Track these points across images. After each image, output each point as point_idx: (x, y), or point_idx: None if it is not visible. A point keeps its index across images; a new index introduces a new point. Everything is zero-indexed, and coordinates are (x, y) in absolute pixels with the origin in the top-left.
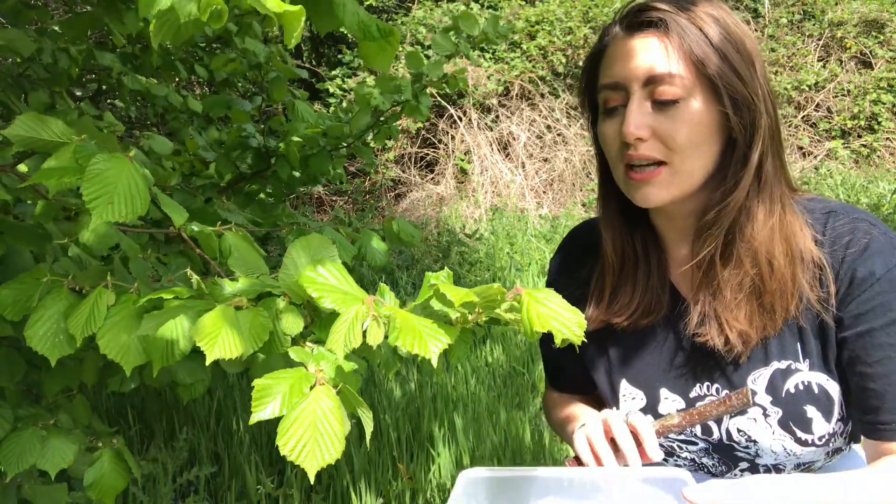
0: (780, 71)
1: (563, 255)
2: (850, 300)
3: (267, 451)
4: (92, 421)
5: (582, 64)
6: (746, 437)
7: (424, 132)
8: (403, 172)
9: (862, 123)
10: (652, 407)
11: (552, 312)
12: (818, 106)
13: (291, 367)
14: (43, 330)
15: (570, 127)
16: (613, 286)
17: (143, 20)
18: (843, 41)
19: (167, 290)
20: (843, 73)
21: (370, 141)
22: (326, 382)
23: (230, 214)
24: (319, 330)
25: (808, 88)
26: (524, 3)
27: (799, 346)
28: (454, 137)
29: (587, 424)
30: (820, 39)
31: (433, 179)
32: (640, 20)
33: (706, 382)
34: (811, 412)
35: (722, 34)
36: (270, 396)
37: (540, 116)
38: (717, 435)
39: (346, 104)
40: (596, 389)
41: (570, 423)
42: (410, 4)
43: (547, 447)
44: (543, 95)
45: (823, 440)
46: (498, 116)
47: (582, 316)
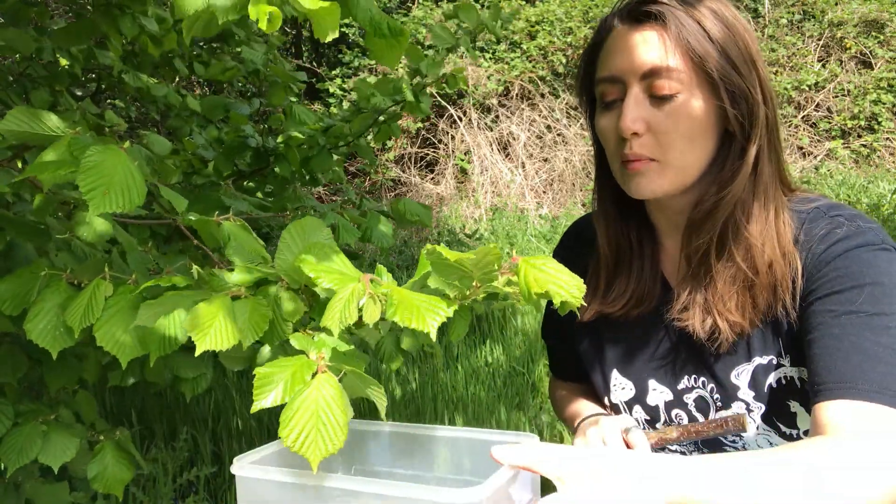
0: (780, 71)
1: (563, 248)
2: (810, 286)
3: None
4: (94, 420)
5: (579, 56)
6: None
7: (424, 132)
8: (403, 172)
9: (862, 123)
10: (640, 398)
11: (550, 276)
12: (818, 106)
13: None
14: (43, 323)
15: (570, 127)
16: (608, 278)
17: (139, 27)
18: (843, 41)
19: (164, 278)
20: (843, 73)
21: (370, 141)
22: (328, 370)
23: (234, 201)
24: (319, 315)
25: (808, 88)
26: (524, 2)
27: (780, 341)
28: (454, 137)
29: (588, 436)
30: (820, 39)
31: (433, 179)
32: (638, 13)
33: (693, 375)
34: (794, 406)
35: (721, 28)
36: (272, 384)
37: (540, 116)
38: None
39: (346, 104)
40: None
41: (572, 421)
42: (410, 4)
43: None
44: (543, 95)
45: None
46: (498, 116)
47: (581, 280)
